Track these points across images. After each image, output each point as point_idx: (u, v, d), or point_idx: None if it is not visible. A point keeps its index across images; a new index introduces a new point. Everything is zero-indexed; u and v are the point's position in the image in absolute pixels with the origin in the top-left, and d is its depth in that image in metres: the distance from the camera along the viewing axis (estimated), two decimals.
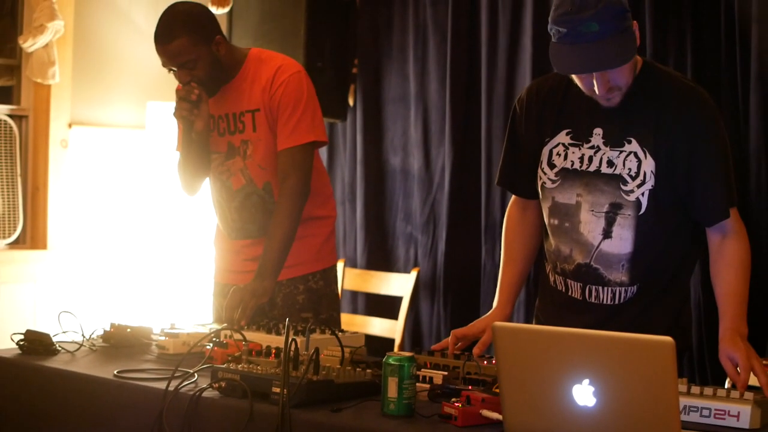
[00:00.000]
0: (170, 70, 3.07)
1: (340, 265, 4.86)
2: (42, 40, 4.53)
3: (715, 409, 2.08)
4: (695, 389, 2.14)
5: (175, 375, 2.35)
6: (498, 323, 1.97)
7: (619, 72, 2.43)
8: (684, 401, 2.09)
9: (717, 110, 2.55)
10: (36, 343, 2.77)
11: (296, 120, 3.07)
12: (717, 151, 2.49)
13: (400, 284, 4.75)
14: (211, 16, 3.12)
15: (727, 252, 2.49)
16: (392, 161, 4.98)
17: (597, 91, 2.45)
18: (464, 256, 4.64)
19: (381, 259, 4.99)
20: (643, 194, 2.49)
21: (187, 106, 3.06)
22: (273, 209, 3.12)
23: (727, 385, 2.46)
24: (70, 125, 4.77)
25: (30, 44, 4.53)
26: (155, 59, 3.04)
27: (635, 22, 2.44)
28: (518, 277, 2.78)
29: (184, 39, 2.98)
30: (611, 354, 1.82)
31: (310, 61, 4.81)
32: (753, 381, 2.36)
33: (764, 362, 2.36)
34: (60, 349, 2.79)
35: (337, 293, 3.33)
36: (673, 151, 2.48)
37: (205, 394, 2.27)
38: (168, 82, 3.19)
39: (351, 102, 5.08)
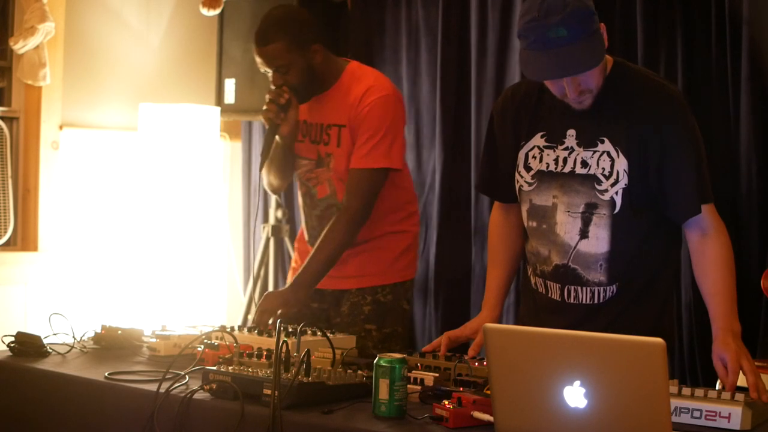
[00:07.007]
0: (266, 71, 3.11)
1: None
2: (33, 42, 4.52)
3: (706, 411, 2.09)
4: (686, 390, 2.14)
5: (166, 377, 2.35)
6: (489, 325, 1.97)
7: (590, 75, 2.44)
8: (675, 402, 2.09)
9: (687, 107, 2.56)
10: (27, 345, 2.76)
11: (373, 143, 3.07)
12: (687, 147, 2.49)
13: None
14: (311, 24, 3.14)
15: (709, 250, 2.49)
16: None
17: (568, 95, 2.47)
18: (455, 257, 4.64)
19: None
20: (617, 193, 2.50)
21: (274, 108, 3.09)
22: None
23: (717, 386, 2.46)
24: (61, 127, 4.76)
25: (21, 46, 4.52)
26: (147, 60, 3.04)
27: (602, 24, 2.45)
28: (505, 280, 2.79)
29: (279, 44, 3.04)
30: (602, 355, 1.83)
31: None
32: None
33: (757, 363, 2.36)
34: (51, 351, 2.79)
35: (406, 309, 3.26)
36: (645, 149, 2.49)
37: (196, 396, 2.27)
38: (160, 83, 3.19)
39: None
